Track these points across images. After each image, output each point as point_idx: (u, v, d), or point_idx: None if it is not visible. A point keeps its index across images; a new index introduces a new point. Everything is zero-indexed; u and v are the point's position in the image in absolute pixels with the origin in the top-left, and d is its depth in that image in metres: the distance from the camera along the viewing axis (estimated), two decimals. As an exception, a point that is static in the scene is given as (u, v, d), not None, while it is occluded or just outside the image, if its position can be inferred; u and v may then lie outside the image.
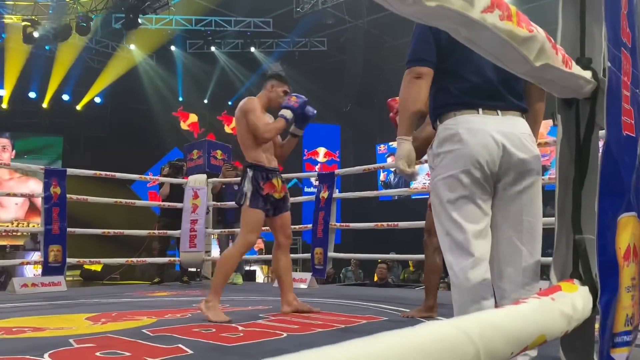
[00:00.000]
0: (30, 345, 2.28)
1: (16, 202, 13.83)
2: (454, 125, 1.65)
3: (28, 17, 11.17)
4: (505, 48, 0.73)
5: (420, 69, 1.71)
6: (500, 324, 0.58)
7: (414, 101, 1.72)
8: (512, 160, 1.59)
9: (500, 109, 1.65)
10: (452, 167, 1.61)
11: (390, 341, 0.43)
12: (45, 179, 5.17)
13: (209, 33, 13.20)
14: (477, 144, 1.59)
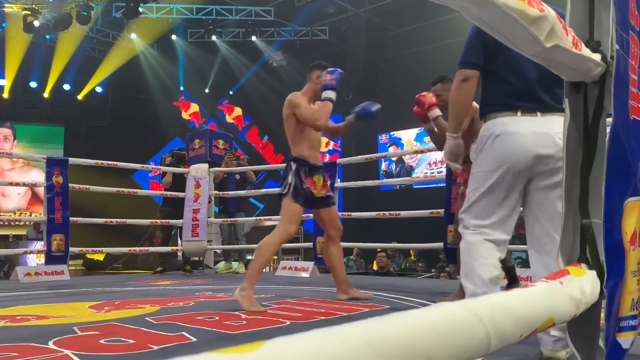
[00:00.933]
0: (35, 333, 2.29)
1: (18, 192, 13.85)
2: (492, 126, 1.82)
3: (28, 6, 11.11)
4: (516, 28, 0.73)
5: (467, 72, 1.88)
6: (510, 306, 0.58)
7: (463, 102, 1.92)
8: (543, 159, 1.73)
9: (539, 111, 1.77)
10: (487, 164, 1.79)
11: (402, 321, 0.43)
12: (47, 168, 5.17)
13: (210, 22, 13.13)
14: (509, 146, 1.75)
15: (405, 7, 11.26)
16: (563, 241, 0.95)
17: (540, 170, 1.76)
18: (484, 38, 1.84)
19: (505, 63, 1.83)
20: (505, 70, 1.84)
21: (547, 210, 1.77)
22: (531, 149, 1.73)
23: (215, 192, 6.32)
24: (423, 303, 3.27)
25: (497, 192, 1.78)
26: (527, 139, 1.73)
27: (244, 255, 6.60)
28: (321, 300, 3.42)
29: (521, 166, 1.74)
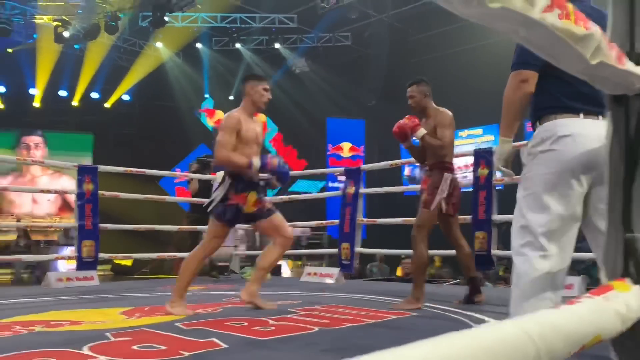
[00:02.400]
0: (70, 339, 2.34)
1: (49, 198, 14.15)
2: (554, 127, 1.71)
3: (59, 17, 11.40)
4: (563, 47, 0.73)
5: (527, 73, 1.77)
6: (559, 324, 0.58)
7: (519, 104, 1.80)
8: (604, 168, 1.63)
9: (601, 114, 1.68)
10: (550, 167, 1.67)
11: (456, 342, 0.44)
12: (78, 176, 5.28)
13: (234, 30, 13.27)
14: (575, 147, 1.65)
15: (428, 11, 11.21)
16: (606, 256, 0.94)
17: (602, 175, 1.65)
18: None
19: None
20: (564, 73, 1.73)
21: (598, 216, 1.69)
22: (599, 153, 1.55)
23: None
24: (450, 310, 3.24)
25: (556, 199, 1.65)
26: (594, 141, 1.62)
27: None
28: (348, 306, 3.43)
29: (589, 168, 1.64)
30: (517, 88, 1.79)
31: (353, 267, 5.64)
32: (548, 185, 1.67)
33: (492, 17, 0.67)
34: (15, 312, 3.24)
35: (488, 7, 0.61)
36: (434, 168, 3.62)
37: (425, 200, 3.56)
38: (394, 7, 11.65)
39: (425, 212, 3.54)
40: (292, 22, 12.74)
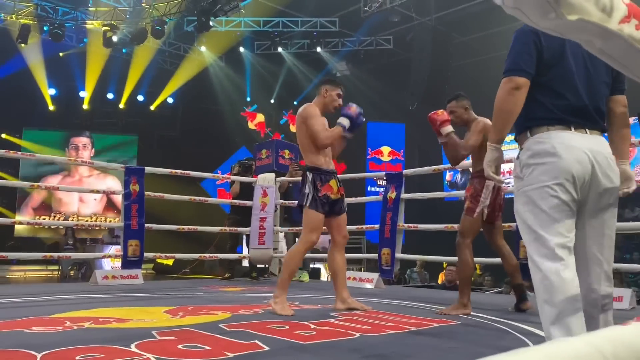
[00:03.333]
0: (117, 336, 2.41)
1: (94, 198, 14.63)
2: (547, 139, 1.72)
3: (108, 22, 11.78)
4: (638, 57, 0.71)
5: (520, 80, 1.75)
6: (632, 342, 0.56)
7: (511, 112, 1.78)
8: (599, 177, 1.68)
9: (588, 128, 1.74)
10: (546, 179, 1.68)
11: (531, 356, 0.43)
12: (125, 176, 5.43)
13: (276, 34, 13.41)
14: (572, 158, 1.67)
15: (471, 15, 11.06)
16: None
17: (597, 189, 1.70)
18: (540, 46, 1.76)
19: (561, 77, 1.77)
20: (561, 84, 1.76)
21: (597, 232, 1.74)
22: (591, 164, 1.68)
23: (281, 201, 6.42)
24: (493, 319, 3.17)
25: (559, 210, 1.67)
26: (588, 154, 1.68)
27: (308, 263, 6.65)
28: (388, 312, 3.40)
29: (582, 179, 1.67)
30: (510, 95, 1.77)
31: (393, 272, 5.60)
32: (550, 198, 1.68)
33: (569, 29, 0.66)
34: (65, 308, 3.36)
35: (566, 19, 0.60)
36: (477, 175, 3.58)
37: (468, 207, 3.52)
38: (436, 10, 11.53)
39: (468, 220, 3.50)
40: (334, 26, 12.77)
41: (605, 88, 1.86)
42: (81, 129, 14.84)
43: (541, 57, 1.77)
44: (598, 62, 1.75)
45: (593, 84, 1.80)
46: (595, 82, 1.81)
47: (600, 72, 1.82)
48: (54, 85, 13.94)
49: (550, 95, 1.77)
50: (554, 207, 1.67)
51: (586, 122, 1.75)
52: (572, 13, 0.61)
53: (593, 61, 1.77)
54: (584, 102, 1.75)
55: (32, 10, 11.48)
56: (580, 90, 1.76)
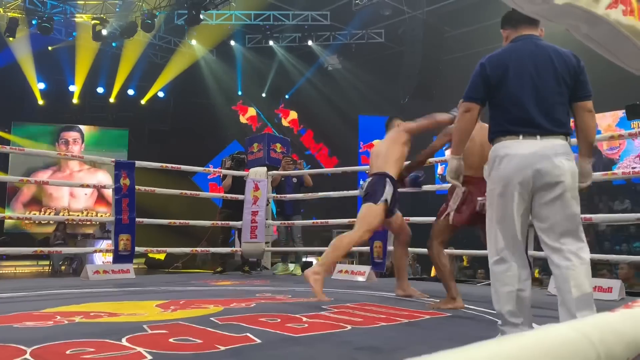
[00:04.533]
0: (108, 330, 2.40)
1: (85, 193, 14.54)
2: (498, 149, 2.10)
3: (97, 16, 11.68)
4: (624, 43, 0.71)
5: (469, 105, 2.21)
6: (619, 328, 0.56)
7: (466, 129, 2.26)
8: (543, 176, 2.00)
9: (539, 134, 2.05)
10: (497, 182, 2.08)
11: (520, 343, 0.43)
12: (115, 171, 5.39)
13: (267, 27, 13.36)
14: (512, 166, 2.03)
15: (463, 8, 11.07)
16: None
17: (541, 186, 2.02)
18: (486, 76, 2.17)
19: (507, 96, 2.12)
20: (507, 102, 2.12)
21: (549, 222, 2.04)
22: (531, 167, 2.00)
23: (273, 195, 6.41)
24: (485, 311, 3.19)
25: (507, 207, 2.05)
26: (528, 159, 2.01)
27: (301, 257, 6.65)
28: (380, 305, 3.41)
29: (524, 182, 2.01)
30: (463, 116, 2.24)
31: (385, 265, 5.62)
32: (500, 200, 2.07)
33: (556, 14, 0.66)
34: (56, 303, 3.34)
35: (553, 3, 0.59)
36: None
37: (440, 211, 3.59)
38: (428, 3, 11.53)
39: (437, 224, 3.55)
40: (325, 19, 12.74)
41: (559, 97, 2.13)
42: (71, 123, 14.73)
43: (488, 83, 2.17)
44: (546, 76, 2.10)
45: (542, 96, 2.10)
46: (545, 94, 2.11)
47: (549, 85, 2.11)
48: (43, 80, 13.82)
49: (501, 112, 2.14)
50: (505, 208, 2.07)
51: (536, 130, 2.06)
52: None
53: (541, 76, 2.11)
54: (530, 114, 2.07)
55: (20, 4, 11.36)
56: (527, 104, 2.08)
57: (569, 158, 2.06)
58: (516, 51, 2.18)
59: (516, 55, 2.16)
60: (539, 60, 2.13)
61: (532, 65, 2.12)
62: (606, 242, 11.07)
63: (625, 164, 12.25)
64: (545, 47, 2.15)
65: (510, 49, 2.22)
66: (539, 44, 2.17)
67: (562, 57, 2.13)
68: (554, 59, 2.12)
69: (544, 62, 2.12)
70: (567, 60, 2.13)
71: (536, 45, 2.17)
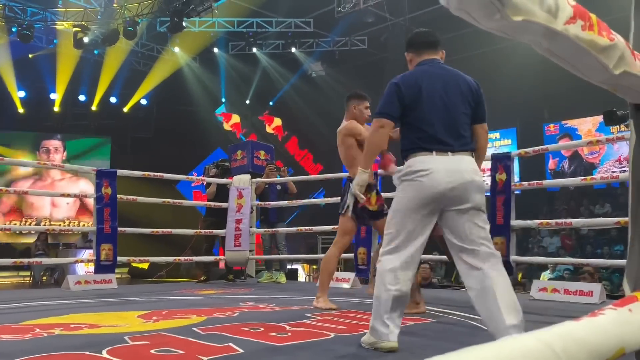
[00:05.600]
0: (88, 342, 2.36)
1: (67, 202, 14.37)
2: (413, 163, 2.21)
3: (78, 23, 11.58)
4: (585, 57, 0.72)
5: (384, 121, 2.31)
6: (582, 337, 0.57)
7: (378, 145, 2.40)
8: (454, 189, 2.13)
9: (450, 151, 2.20)
10: (408, 192, 2.18)
11: (481, 354, 0.43)
12: (97, 179, 5.33)
13: (250, 34, 13.37)
14: (427, 179, 2.14)
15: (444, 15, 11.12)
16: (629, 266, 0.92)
17: (451, 199, 2.14)
18: (401, 95, 2.27)
19: (419, 115, 2.25)
20: (419, 121, 2.25)
21: (458, 231, 2.16)
22: (443, 181, 2.13)
23: (257, 203, 6.40)
24: (468, 317, 3.21)
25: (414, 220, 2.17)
26: (440, 174, 2.14)
27: (285, 265, 6.64)
28: (363, 312, 3.41)
29: (436, 195, 2.13)
30: (376, 131, 2.34)
31: (369, 272, 5.62)
32: (407, 207, 2.18)
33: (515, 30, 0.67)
34: (36, 315, 3.28)
35: (511, 19, 0.61)
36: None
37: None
38: (410, 11, 11.63)
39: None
40: (309, 26, 12.79)
41: (465, 117, 2.31)
42: (52, 132, 14.56)
43: (403, 103, 2.27)
44: (455, 99, 2.27)
45: (452, 116, 2.27)
46: (454, 115, 2.27)
47: (457, 106, 2.29)
48: (23, 87, 13.65)
49: (414, 130, 2.26)
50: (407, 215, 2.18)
51: (446, 147, 2.20)
52: (517, 14, 0.62)
53: (450, 99, 2.27)
54: (441, 133, 2.22)
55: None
56: (437, 124, 2.23)
57: (477, 173, 2.24)
58: (427, 73, 2.33)
59: (427, 77, 2.31)
60: (448, 83, 2.31)
61: (442, 87, 2.29)
62: (588, 246, 11.20)
63: (606, 168, 12.44)
64: (452, 71, 2.36)
65: (421, 71, 2.36)
66: (445, 67, 2.38)
67: (466, 81, 2.34)
68: (460, 82, 2.32)
69: (453, 85, 2.31)
70: (470, 84, 2.34)
71: (443, 68, 2.37)
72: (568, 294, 4.05)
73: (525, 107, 12.82)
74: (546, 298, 4.11)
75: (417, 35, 2.51)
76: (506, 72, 11.82)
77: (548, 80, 10.99)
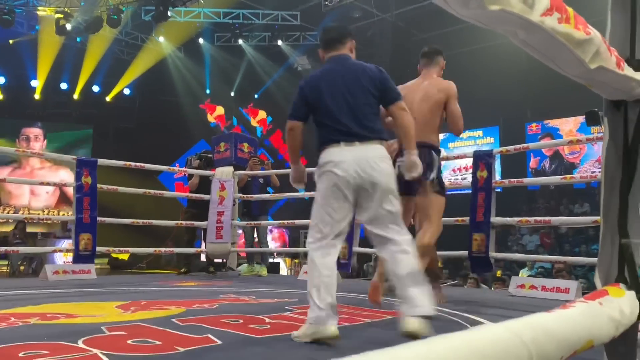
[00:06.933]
0: (64, 331, 2.34)
1: (47, 191, 14.16)
2: (325, 156, 2.40)
3: (61, 9, 11.38)
4: (561, 51, 0.73)
5: (292, 123, 2.53)
6: (552, 328, 0.58)
7: (292, 146, 2.62)
8: (363, 176, 2.32)
9: (358, 141, 2.37)
10: (324, 183, 2.38)
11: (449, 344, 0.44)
12: (77, 168, 5.26)
13: (236, 26, 13.27)
14: (337, 169, 2.33)
15: (431, 12, 11.21)
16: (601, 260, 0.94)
17: (360, 185, 2.33)
18: (305, 97, 2.50)
19: (325, 113, 2.44)
20: (326, 118, 2.44)
21: (369, 214, 2.36)
22: (352, 169, 2.32)
23: (240, 195, 6.37)
24: (446, 311, 3.24)
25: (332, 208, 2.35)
26: (348, 163, 2.32)
27: (267, 258, 6.63)
28: (343, 305, 3.42)
29: (346, 182, 2.31)
30: (288, 132, 2.56)
31: (350, 266, 5.64)
32: (324, 196, 2.37)
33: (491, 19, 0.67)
34: (12, 304, 3.24)
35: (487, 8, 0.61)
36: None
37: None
38: (397, 6, 11.65)
39: None
40: (295, 19, 12.73)
41: (369, 107, 2.46)
42: (33, 120, 14.31)
43: (308, 103, 2.49)
44: (356, 92, 2.44)
45: (355, 109, 2.43)
46: (358, 107, 2.43)
47: (359, 100, 2.44)
48: (3, 74, 13.40)
49: (323, 127, 2.45)
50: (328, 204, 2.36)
51: (354, 138, 2.37)
52: (493, 3, 0.62)
53: (352, 93, 2.44)
54: (347, 126, 2.39)
55: (-21, -5, 10.99)
56: (343, 118, 2.40)
57: (384, 160, 2.40)
58: (328, 72, 2.51)
59: (328, 76, 2.49)
60: (348, 79, 2.46)
61: (342, 83, 2.46)
62: (566, 245, 11.38)
63: (586, 168, 12.63)
64: (352, 65, 2.51)
65: (323, 71, 2.55)
66: (347, 63, 2.52)
67: (366, 73, 2.48)
68: (360, 76, 2.47)
69: (352, 79, 2.46)
70: (371, 75, 2.47)
71: (343, 65, 2.51)
72: (545, 290, 4.11)
73: (509, 106, 12.95)
74: (524, 294, 4.17)
75: (323, 32, 2.66)
76: (491, 71, 11.91)
77: (531, 80, 11.10)
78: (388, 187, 2.36)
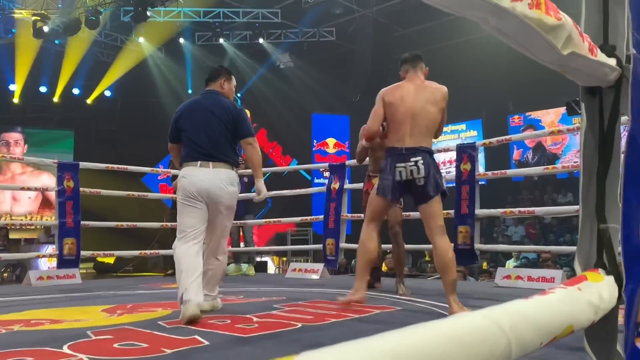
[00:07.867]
0: (49, 337, 2.31)
1: (29, 196, 13.95)
2: (184, 171, 2.99)
3: (38, 12, 11.20)
4: (533, 36, 0.73)
5: (170, 145, 3.18)
6: (530, 314, 0.58)
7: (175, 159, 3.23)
8: (211, 194, 2.93)
9: (212, 162, 2.96)
10: (181, 192, 2.96)
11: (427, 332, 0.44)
12: (58, 172, 5.20)
13: (217, 25, 13.16)
14: (190, 183, 2.92)
15: (412, 7, 11.25)
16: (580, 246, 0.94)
17: (209, 198, 2.92)
18: (176, 123, 3.11)
19: (189, 137, 3.02)
20: (189, 141, 3.03)
21: (214, 224, 3.00)
22: (202, 185, 2.91)
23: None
24: (435, 305, 3.26)
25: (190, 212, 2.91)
26: (199, 178, 2.92)
27: (254, 257, 6.60)
28: (332, 302, 3.42)
29: (195, 193, 2.90)
30: (170, 151, 3.23)
31: (337, 262, 5.65)
32: (181, 202, 2.95)
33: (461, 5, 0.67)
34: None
35: (457, -7, 0.61)
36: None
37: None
38: (378, 2, 11.65)
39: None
40: (276, 17, 12.67)
41: (224, 137, 3.03)
42: (12, 124, 14.07)
43: (178, 128, 3.10)
44: (214, 124, 3.01)
45: (212, 137, 3.01)
46: (214, 136, 3.00)
47: (215, 129, 3.01)
48: (-20, 78, 13.15)
49: (186, 147, 3.04)
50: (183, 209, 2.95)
51: (209, 159, 2.96)
52: (463, -13, 0.61)
53: (210, 124, 3.01)
54: (204, 149, 2.97)
55: (-47, -2, 10.77)
56: (200, 143, 2.98)
57: (231, 183, 2.99)
58: (196, 103, 3.14)
59: (195, 106, 3.12)
60: (209, 111, 3.05)
61: (203, 115, 3.05)
62: (551, 234, 11.50)
63: (568, 158, 12.77)
64: (216, 101, 3.10)
65: (191, 102, 3.19)
66: (212, 97, 3.13)
67: (223, 108, 3.06)
68: (217, 111, 3.04)
69: (210, 113, 3.04)
70: (227, 111, 3.06)
71: (210, 98, 3.12)
72: (531, 280, 4.15)
73: (491, 99, 13.04)
74: (510, 285, 4.21)
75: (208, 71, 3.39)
76: (472, 64, 11.98)
77: (513, 72, 11.18)
78: (229, 207, 3.00)
